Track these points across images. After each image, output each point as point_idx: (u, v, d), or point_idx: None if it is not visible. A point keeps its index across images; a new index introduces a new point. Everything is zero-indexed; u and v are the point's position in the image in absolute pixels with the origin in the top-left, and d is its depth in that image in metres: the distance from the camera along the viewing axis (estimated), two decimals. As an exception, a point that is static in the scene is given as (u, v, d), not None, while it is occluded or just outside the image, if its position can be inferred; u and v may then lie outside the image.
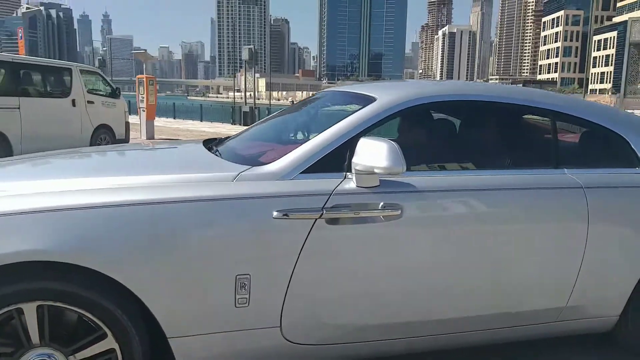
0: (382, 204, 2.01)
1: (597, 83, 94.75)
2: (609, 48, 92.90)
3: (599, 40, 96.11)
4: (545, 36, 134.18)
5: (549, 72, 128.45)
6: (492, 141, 2.47)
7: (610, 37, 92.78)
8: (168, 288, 1.80)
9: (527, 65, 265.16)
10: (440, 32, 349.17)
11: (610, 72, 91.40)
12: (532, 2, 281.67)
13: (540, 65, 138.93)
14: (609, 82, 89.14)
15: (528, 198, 2.22)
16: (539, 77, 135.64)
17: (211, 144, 2.77)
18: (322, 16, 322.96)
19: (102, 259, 1.71)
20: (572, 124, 2.54)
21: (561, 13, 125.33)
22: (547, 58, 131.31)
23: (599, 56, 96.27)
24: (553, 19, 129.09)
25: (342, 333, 2.06)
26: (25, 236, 1.66)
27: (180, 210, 1.82)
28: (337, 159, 2.06)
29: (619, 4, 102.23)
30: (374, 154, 1.92)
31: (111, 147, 3.05)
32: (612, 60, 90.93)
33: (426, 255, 2.09)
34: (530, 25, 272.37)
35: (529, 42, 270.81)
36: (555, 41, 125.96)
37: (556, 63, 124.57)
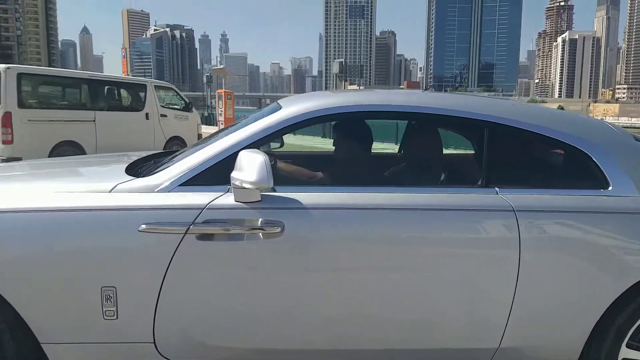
0: (261, 220, 1.89)
1: None
2: None
3: None
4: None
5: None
6: (408, 155, 2.22)
7: None
8: (38, 295, 1.84)
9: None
10: (559, 39, 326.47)
11: None
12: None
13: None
14: None
15: (441, 219, 1.96)
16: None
17: (154, 157, 2.73)
18: (429, 27, 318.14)
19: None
20: (519, 138, 2.19)
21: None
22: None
23: None
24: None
25: (218, 355, 1.96)
26: None
27: (51, 219, 1.85)
28: (222, 171, 1.97)
29: None
30: (246, 168, 1.82)
31: (63, 159, 3.19)
32: None
33: (310, 277, 1.92)
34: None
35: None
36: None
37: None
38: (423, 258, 1.94)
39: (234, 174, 1.86)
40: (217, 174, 1.98)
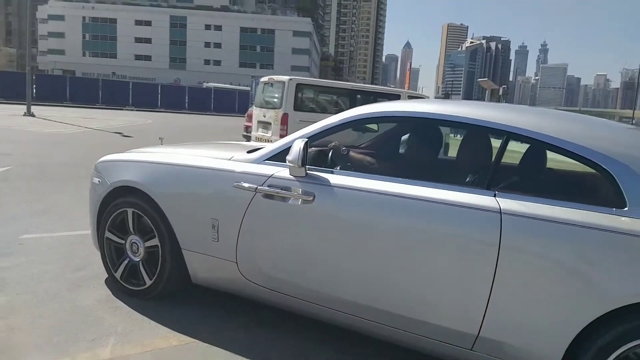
0: (301, 190, 2.62)
1: None
2: None
3: None
4: None
5: None
6: (427, 155, 2.51)
7: None
8: (182, 217, 3.01)
9: None
10: None
11: None
12: None
13: None
14: None
15: (434, 211, 2.28)
16: None
17: None
18: None
19: (156, 192, 3.08)
20: (540, 148, 2.24)
21: None
22: None
23: None
24: None
25: (269, 280, 2.76)
26: (126, 172, 3.21)
27: (193, 172, 3.00)
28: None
29: None
30: (291, 151, 2.60)
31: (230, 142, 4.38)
32: None
33: (329, 237, 2.54)
34: None
35: None
36: None
37: None
38: (412, 240, 2.33)
39: (287, 156, 2.65)
40: (286, 154, 2.78)
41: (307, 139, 2.67)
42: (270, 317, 3.10)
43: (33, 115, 20.33)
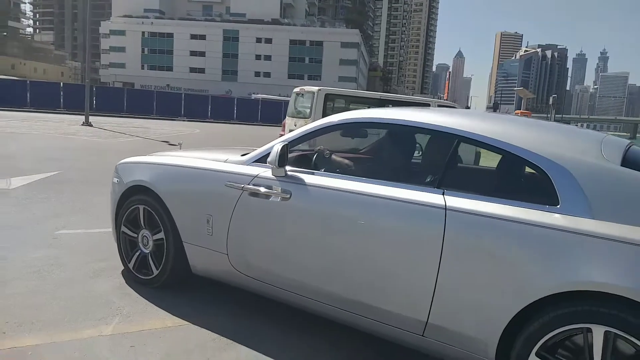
0: (280, 188, 2.90)
1: None
2: None
3: None
4: None
5: None
6: (386, 157, 2.72)
7: None
8: (183, 212, 3.36)
9: None
10: None
11: None
12: None
13: None
14: None
15: (389, 208, 2.51)
16: None
17: None
18: None
19: (161, 190, 3.44)
20: (485, 149, 2.41)
21: None
22: None
23: None
24: None
25: (259, 272, 3.04)
26: (139, 173, 3.60)
27: (192, 172, 3.35)
28: None
29: None
30: (271, 154, 2.89)
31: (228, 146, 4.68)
32: None
33: (302, 231, 2.80)
34: None
35: None
36: None
37: None
38: (370, 232, 2.56)
39: (268, 158, 2.95)
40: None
41: (286, 143, 2.95)
42: (263, 305, 3.39)
43: (90, 125, 21.66)
